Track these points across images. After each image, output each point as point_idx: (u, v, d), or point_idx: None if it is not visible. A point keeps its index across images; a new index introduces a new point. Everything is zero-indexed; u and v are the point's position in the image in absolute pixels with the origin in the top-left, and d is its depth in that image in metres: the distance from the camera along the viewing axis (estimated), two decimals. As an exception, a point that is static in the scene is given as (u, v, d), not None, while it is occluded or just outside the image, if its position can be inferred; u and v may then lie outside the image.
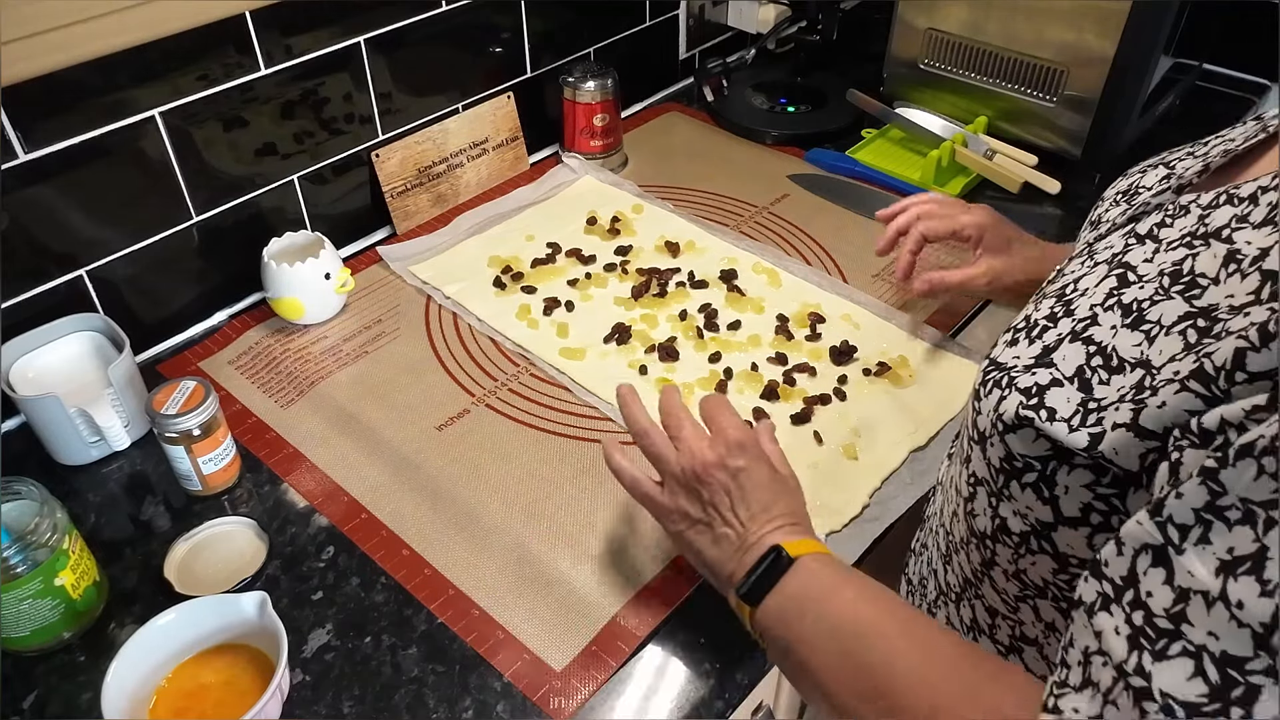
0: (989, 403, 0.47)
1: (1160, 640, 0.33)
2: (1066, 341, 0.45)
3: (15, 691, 0.62)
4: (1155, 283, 0.44)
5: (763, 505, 0.57)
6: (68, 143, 0.77)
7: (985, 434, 0.47)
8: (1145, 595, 0.34)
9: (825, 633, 0.50)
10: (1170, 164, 0.56)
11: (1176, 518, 0.34)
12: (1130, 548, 0.36)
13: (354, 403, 0.83)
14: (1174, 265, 0.44)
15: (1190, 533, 0.33)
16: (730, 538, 0.57)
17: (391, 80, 0.99)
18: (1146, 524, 0.35)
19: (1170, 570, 0.34)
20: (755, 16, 1.29)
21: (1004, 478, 0.47)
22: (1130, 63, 1.02)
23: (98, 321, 0.82)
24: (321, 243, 0.91)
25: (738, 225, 1.07)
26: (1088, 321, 0.45)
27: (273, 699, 0.57)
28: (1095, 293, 0.47)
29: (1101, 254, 0.51)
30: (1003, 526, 0.49)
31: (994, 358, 0.49)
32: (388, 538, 0.72)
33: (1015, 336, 0.49)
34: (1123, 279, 0.46)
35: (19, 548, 0.59)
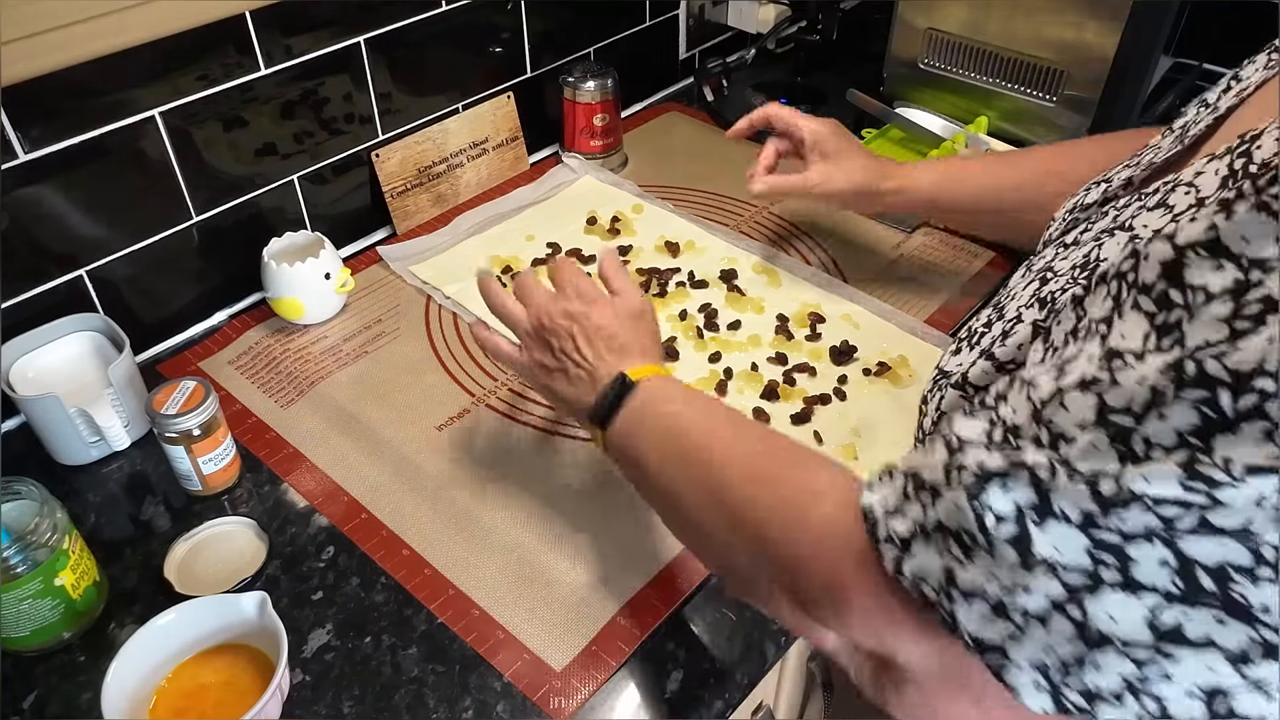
0: (933, 405, 0.51)
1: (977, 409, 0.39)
2: (999, 342, 0.48)
3: (15, 691, 0.62)
4: (1067, 275, 0.48)
5: (607, 342, 0.63)
6: (68, 143, 0.77)
7: (928, 433, 0.52)
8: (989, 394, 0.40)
9: (658, 434, 0.57)
10: (1109, 179, 0.58)
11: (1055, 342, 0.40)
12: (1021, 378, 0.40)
13: (354, 403, 0.83)
14: (1084, 258, 0.48)
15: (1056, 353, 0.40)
16: (583, 377, 0.63)
17: (391, 80, 0.99)
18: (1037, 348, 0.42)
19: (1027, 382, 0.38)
20: (755, 16, 1.29)
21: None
22: (1130, 63, 1.02)
23: (98, 321, 0.82)
24: (321, 243, 0.91)
25: (738, 225, 1.07)
26: (1014, 321, 0.49)
27: (273, 699, 0.57)
28: (1021, 295, 0.51)
29: (1036, 265, 0.54)
30: None
31: (941, 367, 0.53)
32: (388, 538, 0.72)
33: (959, 346, 0.53)
34: (1043, 280, 0.50)
35: (19, 548, 0.59)
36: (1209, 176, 0.43)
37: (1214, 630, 0.31)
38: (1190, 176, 0.44)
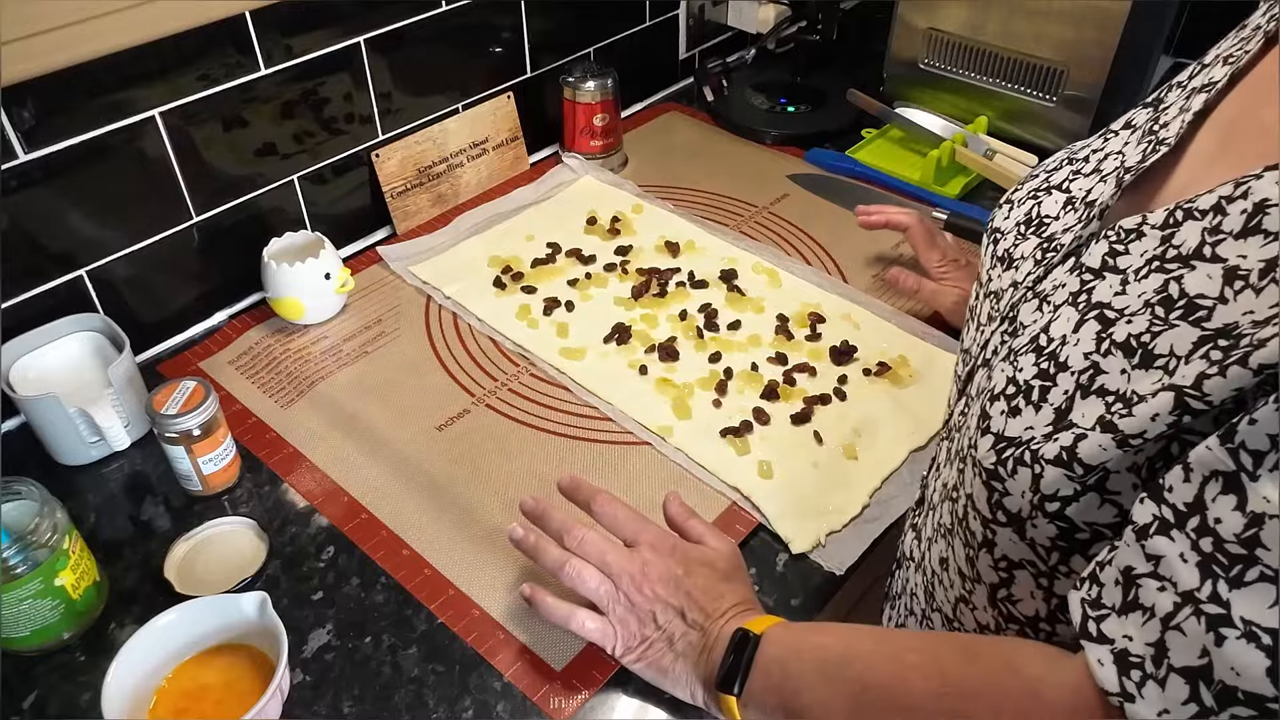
0: (1019, 483, 0.43)
1: (1235, 566, 0.33)
2: (1078, 399, 0.42)
3: (15, 691, 0.62)
4: (1145, 315, 0.41)
5: (712, 601, 0.58)
6: (68, 143, 0.77)
7: (1023, 515, 0.44)
8: (1214, 522, 0.34)
9: (812, 672, 0.50)
10: (1063, 187, 0.54)
11: (1250, 443, 0.33)
12: (1199, 474, 0.35)
13: (354, 403, 0.83)
14: (1158, 293, 0.41)
15: (1265, 458, 0.33)
16: (692, 643, 0.57)
17: (391, 80, 0.99)
18: (1217, 449, 0.34)
19: (1243, 496, 0.33)
20: (755, 16, 1.29)
21: (1058, 554, 0.44)
22: (1130, 63, 1.02)
23: (98, 321, 0.82)
24: (321, 243, 0.91)
25: (738, 225, 1.07)
26: (1090, 372, 0.42)
27: (273, 699, 0.57)
28: (1080, 339, 0.44)
29: (1056, 296, 0.47)
30: (1063, 606, 0.46)
31: (1000, 432, 0.45)
32: (388, 538, 0.72)
33: (1014, 405, 0.45)
34: (1104, 320, 0.43)
35: (19, 548, 0.59)
36: None
37: None
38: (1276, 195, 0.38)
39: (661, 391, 0.84)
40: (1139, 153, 0.50)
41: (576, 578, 0.60)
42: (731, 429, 0.79)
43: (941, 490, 0.55)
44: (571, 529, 0.62)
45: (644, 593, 0.59)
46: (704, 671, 0.56)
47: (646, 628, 0.59)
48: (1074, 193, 0.53)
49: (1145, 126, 0.52)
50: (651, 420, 0.81)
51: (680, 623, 0.58)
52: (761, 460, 0.77)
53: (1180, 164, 0.47)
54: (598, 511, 0.64)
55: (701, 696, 0.58)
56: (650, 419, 0.81)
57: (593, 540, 0.61)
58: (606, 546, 0.61)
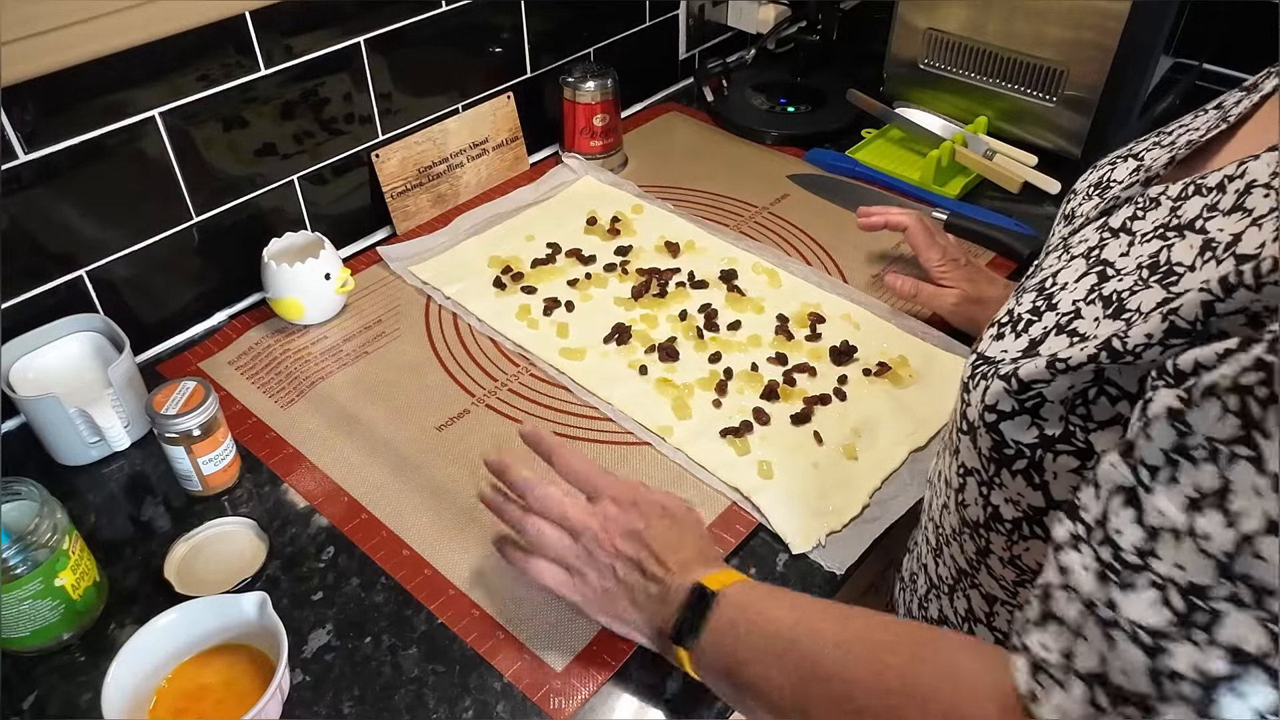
0: (977, 394, 0.48)
1: (1126, 573, 0.35)
2: (1052, 335, 0.46)
3: (15, 692, 0.62)
4: (1134, 275, 0.45)
5: (671, 553, 0.59)
6: (68, 143, 0.77)
7: (974, 425, 0.48)
8: (1114, 533, 0.36)
9: (761, 645, 0.51)
10: (1139, 155, 0.56)
11: (1147, 459, 0.35)
12: (1105, 489, 0.37)
13: (354, 403, 0.83)
14: (1151, 257, 0.44)
15: (1160, 473, 0.35)
16: (651, 594, 0.58)
17: (391, 80, 0.99)
18: (1120, 466, 0.36)
19: (1140, 509, 0.35)
20: (755, 16, 1.29)
21: (995, 466, 0.48)
22: (1130, 63, 1.02)
23: (98, 322, 0.82)
24: (321, 243, 0.91)
25: (738, 225, 1.07)
26: (1071, 315, 0.46)
27: (273, 699, 0.57)
28: (1077, 288, 0.47)
29: (1077, 248, 0.51)
30: (995, 514, 0.50)
31: (981, 352, 0.50)
32: (388, 538, 0.72)
33: (1001, 331, 0.50)
34: (1102, 275, 0.47)
35: (19, 548, 0.59)
36: None
37: None
38: (1266, 176, 0.41)
39: (661, 391, 0.84)
40: (1204, 127, 0.52)
41: (537, 535, 0.62)
42: (731, 429, 0.79)
43: None
44: (532, 486, 0.63)
45: (604, 547, 0.60)
46: (660, 622, 0.58)
47: (606, 580, 0.60)
48: (1144, 160, 0.55)
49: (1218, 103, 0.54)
50: (651, 420, 0.81)
51: (639, 576, 0.59)
52: (761, 460, 0.77)
53: (1231, 141, 0.49)
54: (558, 465, 0.64)
55: (659, 645, 0.60)
56: (650, 419, 0.81)
57: (553, 497, 0.62)
58: (567, 503, 0.62)
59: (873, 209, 0.95)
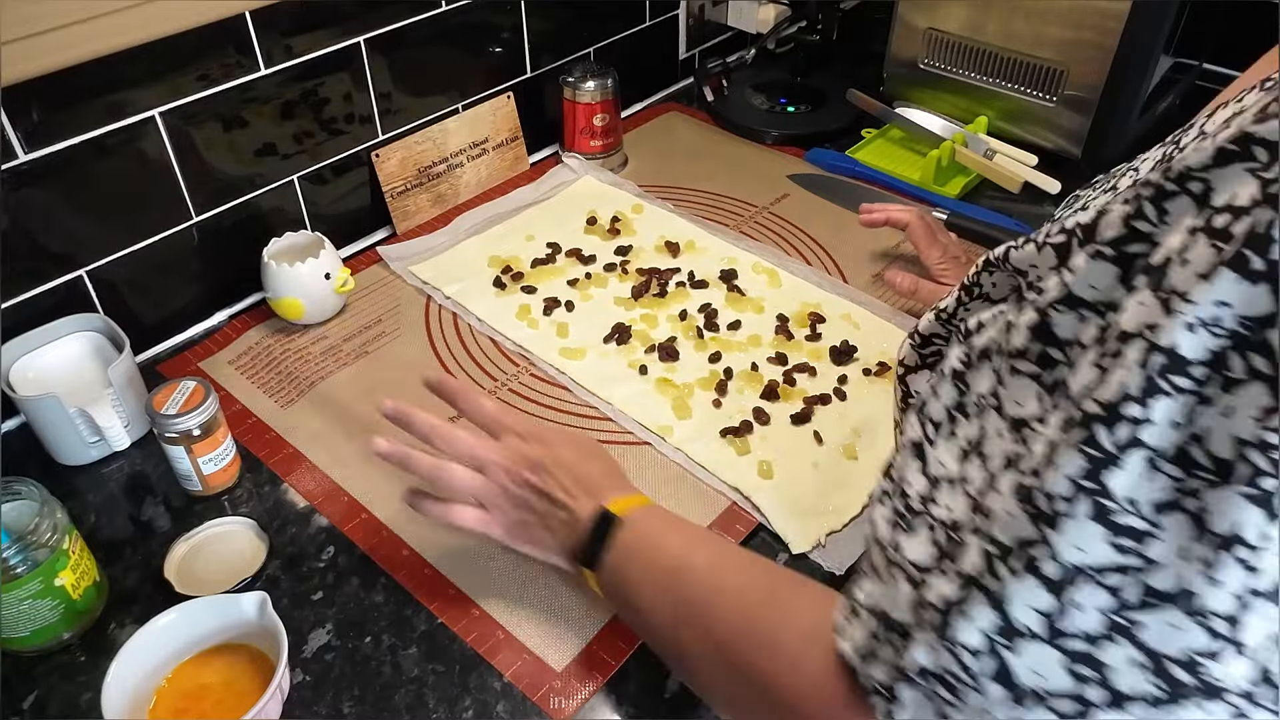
0: (901, 353, 0.52)
1: (910, 518, 0.39)
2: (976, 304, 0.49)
3: (15, 691, 0.62)
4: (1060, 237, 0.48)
5: (576, 479, 0.61)
6: (68, 143, 0.77)
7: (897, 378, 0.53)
8: (905, 484, 0.40)
9: (649, 575, 0.55)
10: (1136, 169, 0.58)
11: (934, 416, 0.39)
12: (905, 445, 0.41)
13: (354, 403, 0.83)
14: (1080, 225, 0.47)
15: (941, 428, 0.39)
16: (563, 520, 0.61)
17: (391, 80, 0.99)
18: (914, 424, 0.40)
19: (925, 461, 0.39)
20: (755, 16, 1.29)
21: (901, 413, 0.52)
22: (1130, 63, 1.02)
23: (98, 321, 0.82)
24: (321, 243, 0.91)
25: (738, 225, 1.07)
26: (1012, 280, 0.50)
27: (273, 699, 0.57)
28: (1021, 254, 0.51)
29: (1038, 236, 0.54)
30: None
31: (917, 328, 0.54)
32: (388, 538, 0.72)
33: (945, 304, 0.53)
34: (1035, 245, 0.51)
35: (19, 548, 0.59)
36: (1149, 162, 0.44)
37: None
38: (1139, 161, 0.45)
39: (661, 391, 0.84)
40: None
41: (450, 479, 0.63)
42: (731, 429, 0.79)
43: None
44: (437, 429, 0.64)
45: (514, 479, 0.62)
46: (571, 545, 0.61)
47: (521, 511, 0.62)
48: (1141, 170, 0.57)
49: None
50: (651, 420, 0.81)
51: (548, 504, 0.61)
52: (761, 460, 0.77)
53: None
54: (463, 407, 0.66)
55: (573, 569, 0.62)
56: (650, 419, 0.81)
57: (460, 438, 0.64)
58: (474, 442, 0.63)
59: (874, 205, 0.96)
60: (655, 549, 0.56)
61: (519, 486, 0.62)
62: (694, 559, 0.54)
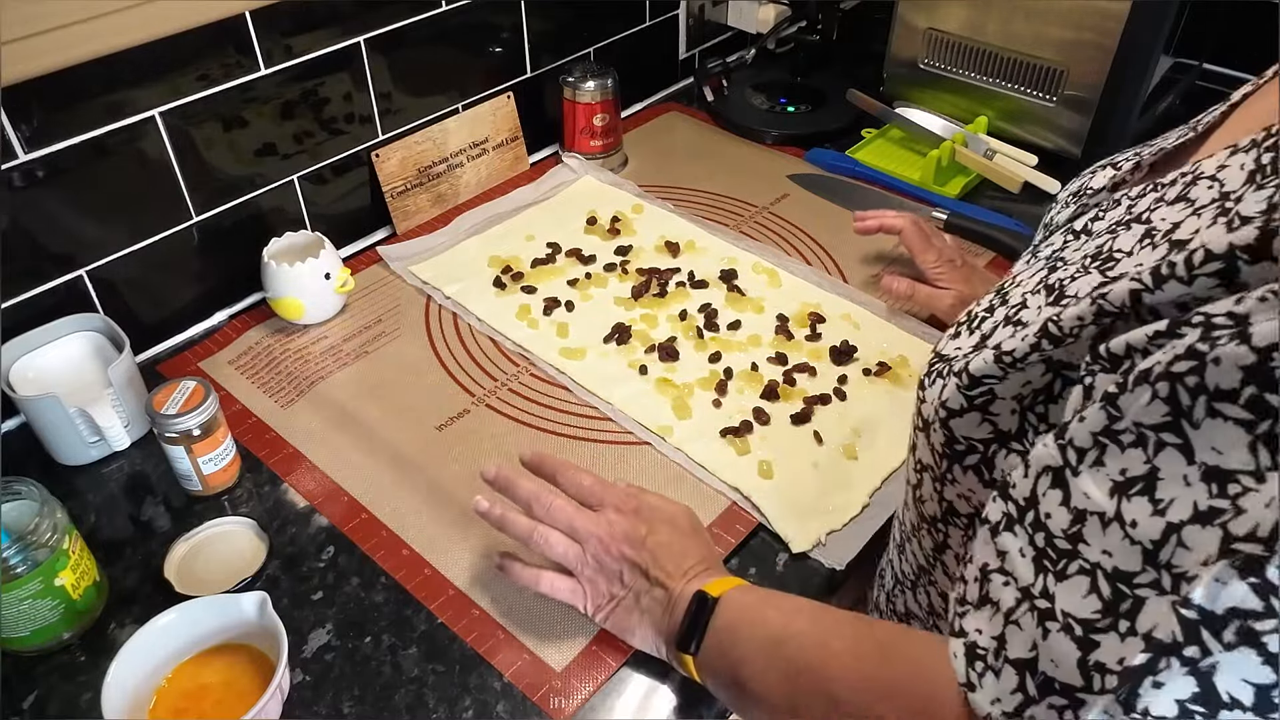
0: (933, 392, 0.48)
1: (1060, 561, 0.35)
2: (1000, 326, 0.47)
3: (15, 691, 0.62)
4: (1077, 264, 0.45)
5: (675, 561, 0.60)
6: (68, 143, 0.77)
7: (929, 421, 0.49)
8: (1045, 516, 0.36)
9: (753, 647, 0.53)
10: (1118, 165, 0.57)
11: (1076, 440, 0.35)
12: (1035, 469, 0.37)
13: (354, 403, 0.83)
14: (1097, 249, 0.45)
15: (1086, 455, 0.35)
16: (657, 599, 0.59)
17: (391, 80, 0.99)
18: (1050, 446, 0.37)
19: (1067, 492, 0.35)
20: (755, 16, 1.29)
21: (946, 462, 0.48)
22: (1130, 63, 1.02)
23: (98, 321, 0.82)
24: (321, 243, 0.91)
25: (738, 225, 1.07)
26: (1018, 307, 0.47)
27: (273, 699, 0.57)
28: (1027, 282, 0.48)
29: (1043, 251, 0.52)
30: (950, 510, 0.50)
31: (939, 350, 0.51)
32: (388, 538, 0.72)
33: (958, 330, 0.51)
34: (1052, 269, 0.47)
35: (19, 548, 0.59)
36: (1234, 170, 0.40)
37: None
38: (1213, 169, 0.41)
39: (661, 391, 0.84)
40: (1176, 136, 0.53)
41: (544, 543, 0.62)
42: (731, 429, 0.79)
43: None
44: (539, 497, 0.64)
45: (610, 553, 0.61)
46: (666, 629, 0.59)
47: (614, 586, 0.61)
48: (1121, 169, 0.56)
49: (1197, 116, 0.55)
50: (651, 420, 0.81)
51: (644, 581, 0.60)
52: (761, 460, 0.77)
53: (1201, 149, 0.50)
54: (563, 481, 0.65)
55: (665, 653, 0.60)
56: (650, 419, 0.81)
57: (559, 506, 0.63)
58: (573, 511, 0.63)
59: (867, 213, 0.95)
60: (756, 623, 0.54)
61: (615, 560, 0.61)
62: (797, 624, 0.52)
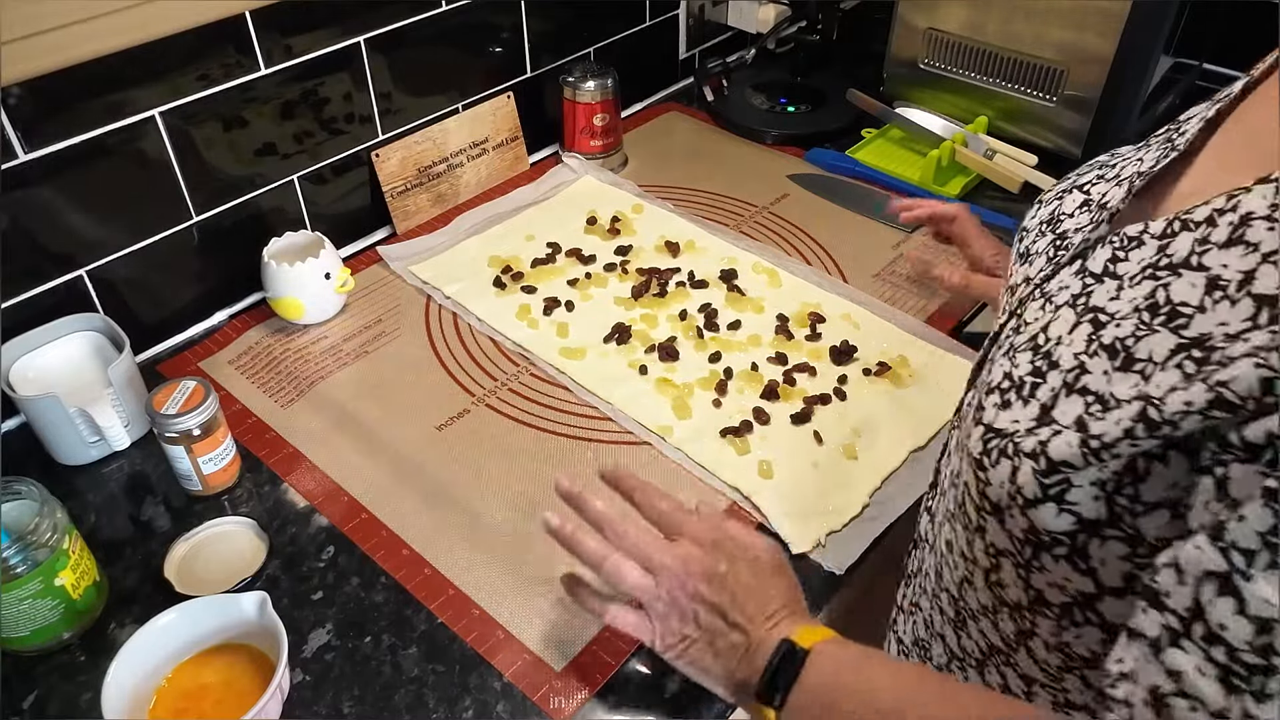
0: (999, 474, 0.44)
1: (1255, 678, 0.32)
2: (1063, 397, 0.43)
3: (15, 691, 0.62)
4: (1133, 319, 0.42)
5: (757, 603, 0.56)
6: (68, 143, 0.77)
7: (1002, 505, 0.44)
8: (1219, 628, 0.33)
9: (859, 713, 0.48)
10: (1084, 188, 0.55)
11: (1240, 542, 0.32)
12: (1191, 575, 0.34)
13: (354, 403, 0.83)
14: (1147, 299, 0.42)
15: (1257, 558, 0.32)
16: (735, 644, 0.55)
17: (391, 80, 0.99)
18: (1208, 550, 0.33)
19: (1241, 599, 0.32)
20: (755, 16, 1.29)
21: (1030, 549, 0.44)
22: (1130, 63, 1.02)
23: (98, 321, 0.82)
24: (321, 242, 0.91)
25: (738, 225, 1.07)
26: (1076, 371, 0.43)
27: (273, 699, 0.57)
28: (1073, 340, 0.44)
29: (1060, 296, 0.48)
30: (1039, 598, 0.46)
31: (989, 424, 0.46)
32: (388, 538, 0.72)
33: (1005, 398, 0.46)
34: (1096, 322, 0.44)
35: (19, 548, 0.59)
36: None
37: None
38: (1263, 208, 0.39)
39: (661, 391, 0.84)
40: (1154, 158, 0.51)
41: (616, 573, 0.58)
42: (731, 429, 0.79)
43: (950, 477, 0.55)
44: (612, 521, 0.59)
45: (686, 590, 0.56)
46: (743, 675, 0.54)
47: (687, 626, 0.56)
48: (1092, 195, 0.54)
49: (1165, 135, 0.53)
50: (651, 420, 0.81)
51: (722, 623, 0.55)
52: (762, 460, 0.77)
53: (1189, 170, 0.48)
54: (640, 502, 0.61)
55: (736, 698, 0.56)
56: (650, 419, 0.81)
57: (634, 534, 0.58)
58: (648, 540, 0.58)
59: (911, 201, 0.93)
60: (861, 684, 0.50)
61: (690, 599, 0.56)
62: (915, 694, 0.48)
